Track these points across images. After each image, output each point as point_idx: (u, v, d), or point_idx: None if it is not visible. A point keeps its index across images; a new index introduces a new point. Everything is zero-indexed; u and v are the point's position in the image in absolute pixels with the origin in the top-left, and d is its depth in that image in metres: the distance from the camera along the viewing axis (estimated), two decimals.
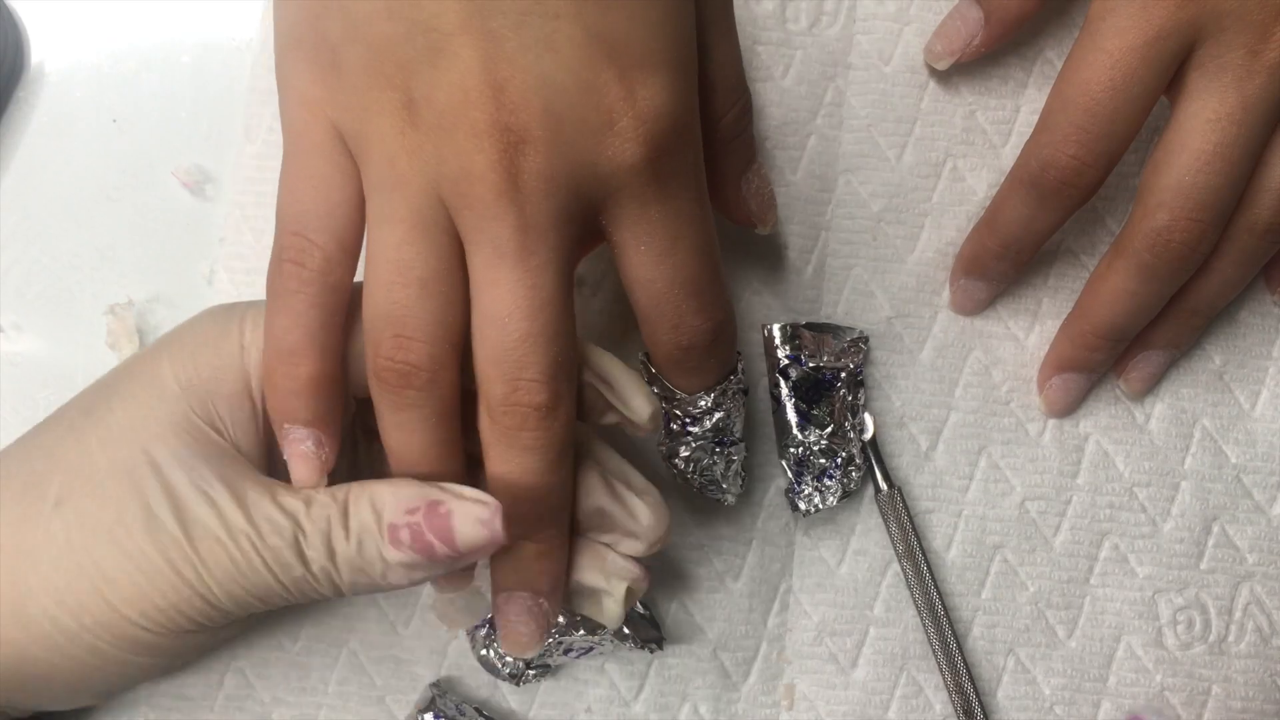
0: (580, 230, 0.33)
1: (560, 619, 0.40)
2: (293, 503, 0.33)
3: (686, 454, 0.39)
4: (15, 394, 0.43)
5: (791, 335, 0.43)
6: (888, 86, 0.46)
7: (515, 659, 0.39)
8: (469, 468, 0.35)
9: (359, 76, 0.31)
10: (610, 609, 0.36)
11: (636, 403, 0.36)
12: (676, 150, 0.32)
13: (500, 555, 0.35)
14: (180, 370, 0.33)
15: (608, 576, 0.36)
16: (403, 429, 0.33)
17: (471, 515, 0.32)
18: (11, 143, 0.44)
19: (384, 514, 0.32)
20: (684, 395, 0.38)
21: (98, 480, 0.32)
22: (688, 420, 0.39)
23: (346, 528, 0.32)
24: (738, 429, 0.40)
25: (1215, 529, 0.45)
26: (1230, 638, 0.44)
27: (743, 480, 0.41)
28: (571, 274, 0.33)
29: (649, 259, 0.33)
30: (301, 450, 0.33)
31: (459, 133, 0.30)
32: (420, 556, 0.32)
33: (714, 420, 0.38)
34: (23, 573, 0.32)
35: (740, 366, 0.39)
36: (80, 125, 0.44)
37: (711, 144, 0.37)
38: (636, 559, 0.37)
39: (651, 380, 0.38)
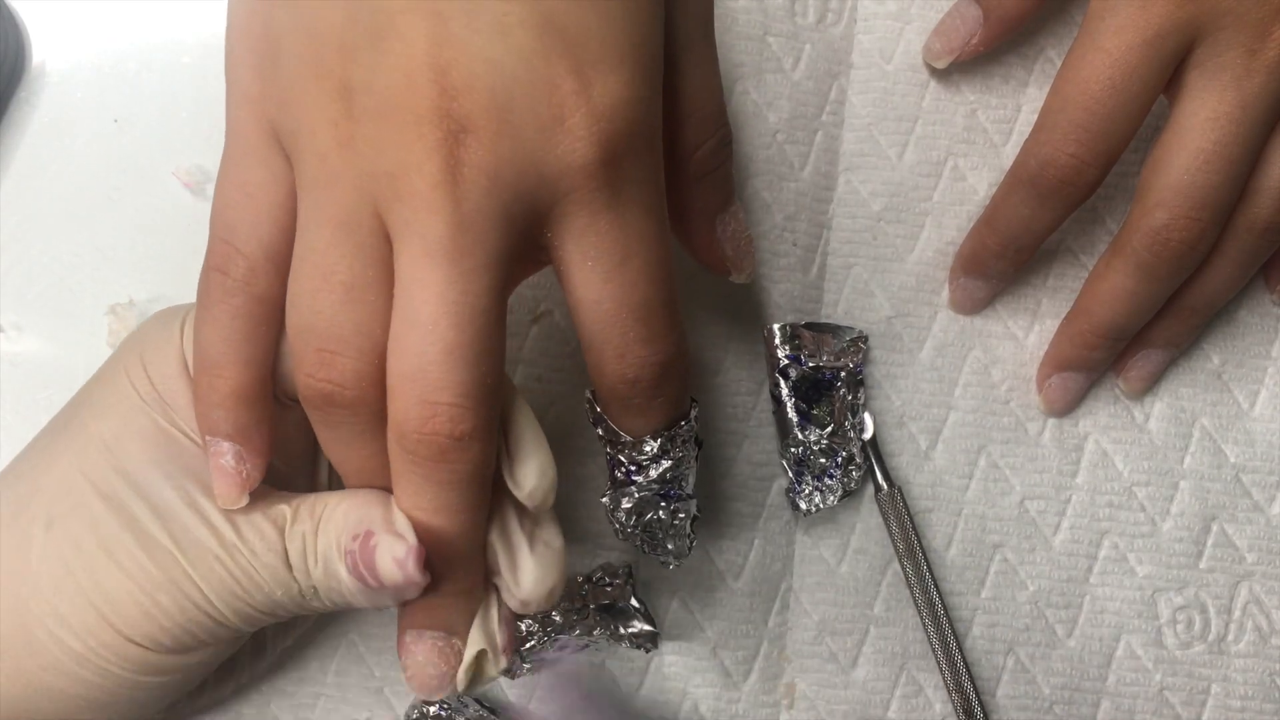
0: (522, 241, 0.30)
1: (556, 616, 0.40)
2: (281, 517, 0.32)
3: (628, 505, 0.36)
4: (15, 394, 0.43)
5: (791, 335, 0.43)
6: (889, 85, 0.46)
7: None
8: None
9: (296, 66, 0.29)
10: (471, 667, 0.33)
11: (524, 470, 0.32)
12: (632, 156, 0.30)
13: (423, 602, 0.32)
14: (136, 378, 0.33)
15: (476, 630, 0.33)
16: (338, 444, 0.31)
17: (388, 552, 0.30)
18: (12, 143, 0.44)
19: (340, 537, 0.31)
20: (629, 439, 0.34)
21: (83, 500, 0.31)
22: (632, 468, 0.35)
23: (315, 550, 0.31)
24: (688, 483, 0.36)
25: (1214, 528, 0.45)
26: (1229, 637, 0.44)
27: (692, 541, 0.38)
28: (506, 290, 0.30)
29: (596, 277, 0.30)
30: (221, 464, 0.31)
31: (397, 118, 0.28)
32: (365, 588, 0.31)
33: (660, 469, 0.35)
34: (24, 598, 0.31)
35: (694, 414, 0.35)
36: (81, 125, 0.44)
37: (682, 179, 0.35)
38: (515, 617, 0.34)
39: (596, 420, 0.35)
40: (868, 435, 0.44)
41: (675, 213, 0.33)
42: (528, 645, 0.38)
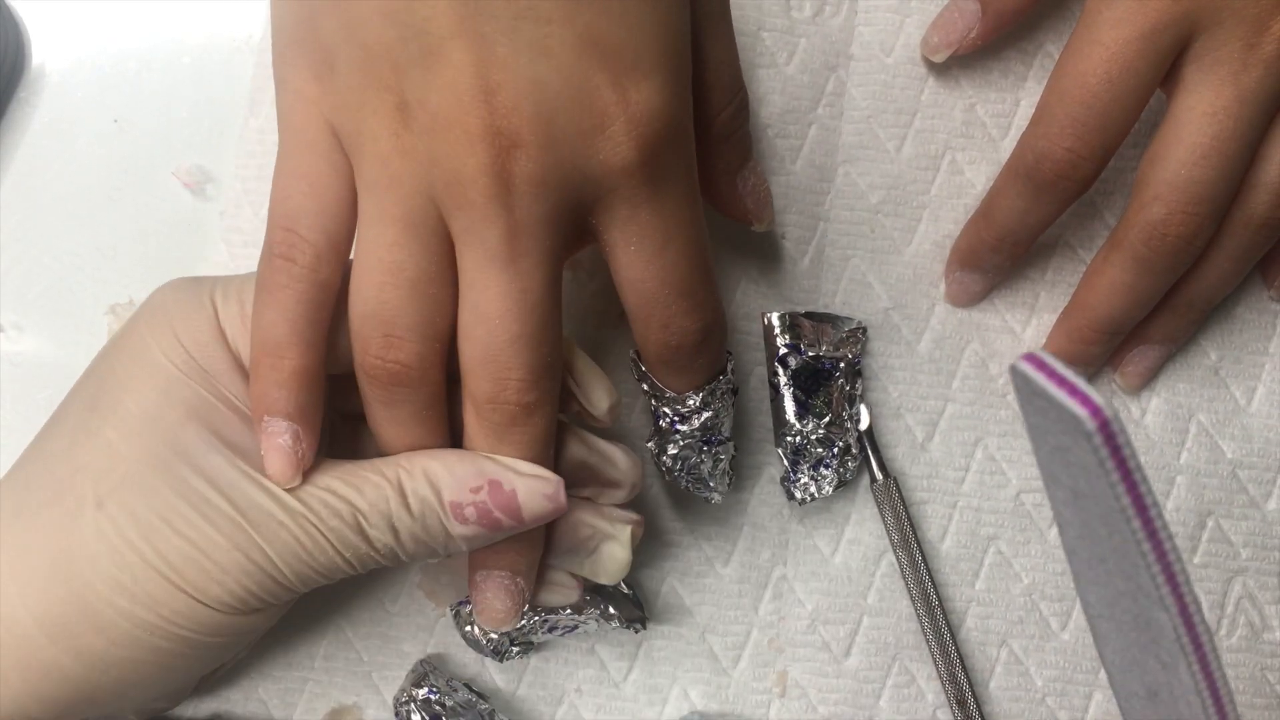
0: (571, 231, 0.33)
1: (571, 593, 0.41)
2: (342, 485, 0.33)
3: (674, 452, 0.40)
4: (15, 394, 0.43)
5: (791, 324, 0.43)
6: (888, 78, 0.46)
7: (500, 635, 0.40)
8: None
9: (354, 77, 0.31)
10: (618, 554, 0.37)
11: (596, 395, 0.36)
12: (669, 152, 0.33)
13: (487, 551, 0.36)
14: (169, 350, 0.34)
15: (611, 522, 0.37)
16: (393, 423, 0.34)
17: (537, 491, 0.34)
18: (12, 143, 0.44)
19: (443, 491, 0.33)
20: (673, 394, 0.38)
21: (135, 475, 0.32)
22: (676, 419, 0.39)
23: (408, 506, 0.33)
24: (726, 428, 0.40)
25: (1210, 524, 0.45)
26: (1222, 632, 0.44)
27: (730, 479, 0.41)
28: (560, 274, 0.33)
29: (639, 260, 0.33)
30: (279, 444, 0.33)
31: (451, 136, 0.31)
32: (485, 530, 0.34)
33: (702, 419, 0.39)
34: (83, 578, 0.32)
35: (730, 366, 0.39)
36: (81, 125, 0.44)
37: (707, 141, 0.37)
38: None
39: (641, 378, 0.39)
40: (864, 426, 0.44)
41: (701, 173, 0.35)
42: (519, 626, 0.39)
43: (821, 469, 0.43)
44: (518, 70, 0.30)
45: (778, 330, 0.43)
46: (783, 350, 0.43)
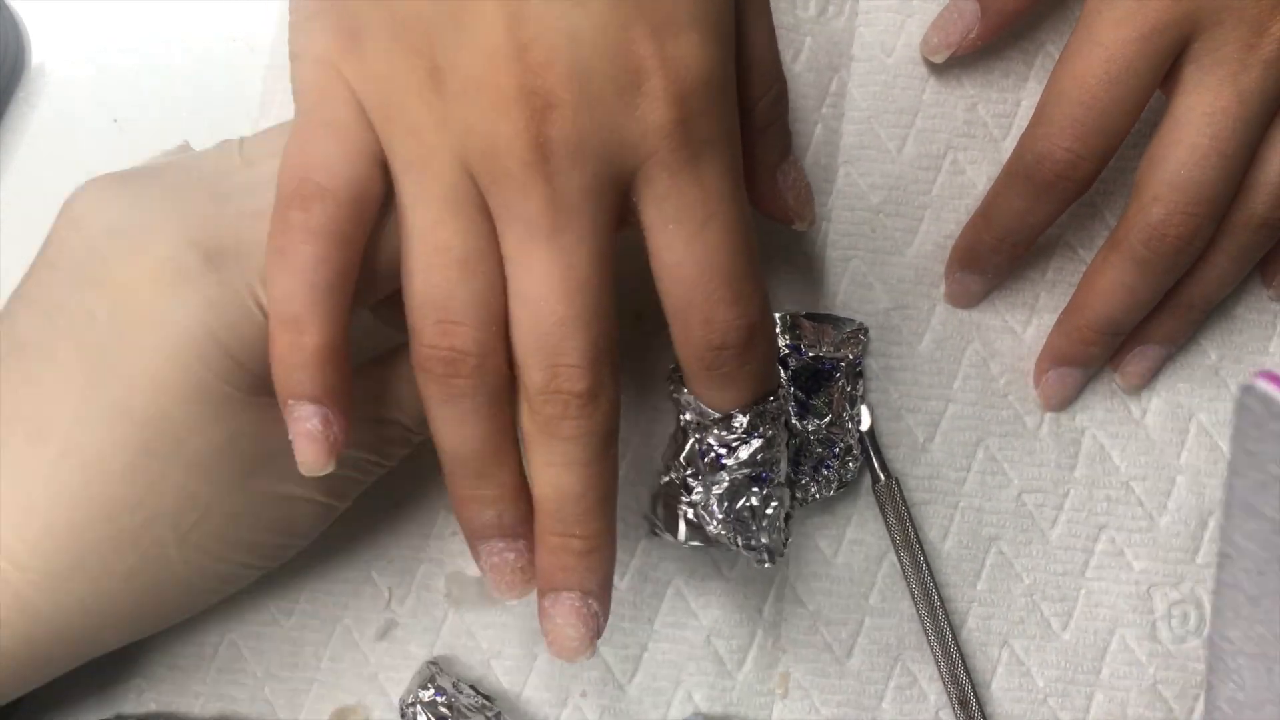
0: (615, 204, 0.31)
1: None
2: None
3: (719, 492, 0.35)
4: None
5: (792, 325, 0.43)
6: (889, 78, 0.46)
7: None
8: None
9: (383, 43, 0.30)
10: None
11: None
12: (709, 114, 0.30)
13: (544, 553, 0.33)
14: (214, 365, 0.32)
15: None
16: (454, 421, 0.32)
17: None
18: (12, 143, 0.44)
19: None
20: (717, 414, 0.34)
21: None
22: (721, 451, 0.34)
23: None
24: (780, 468, 0.35)
25: (1211, 524, 0.45)
26: None
27: (786, 537, 0.36)
28: (609, 251, 0.31)
29: (679, 240, 0.31)
30: (308, 429, 0.31)
31: (484, 99, 0.29)
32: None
33: (751, 449, 0.34)
34: None
35: (782, 393, 0.35)
36: (80, 125, 0.44)
37: (746, 131, 0.35)
38: None
39: (682, 406, 0.35)
40: (865, 427, 0.44)
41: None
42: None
43: (823, 470, 0.43)
44: (550, 23, 0.28)
45: (778, 330, 0.43)
46: (783, 351, 0.43)
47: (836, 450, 0.43)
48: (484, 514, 0.33)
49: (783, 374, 0.43)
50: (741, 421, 0.34)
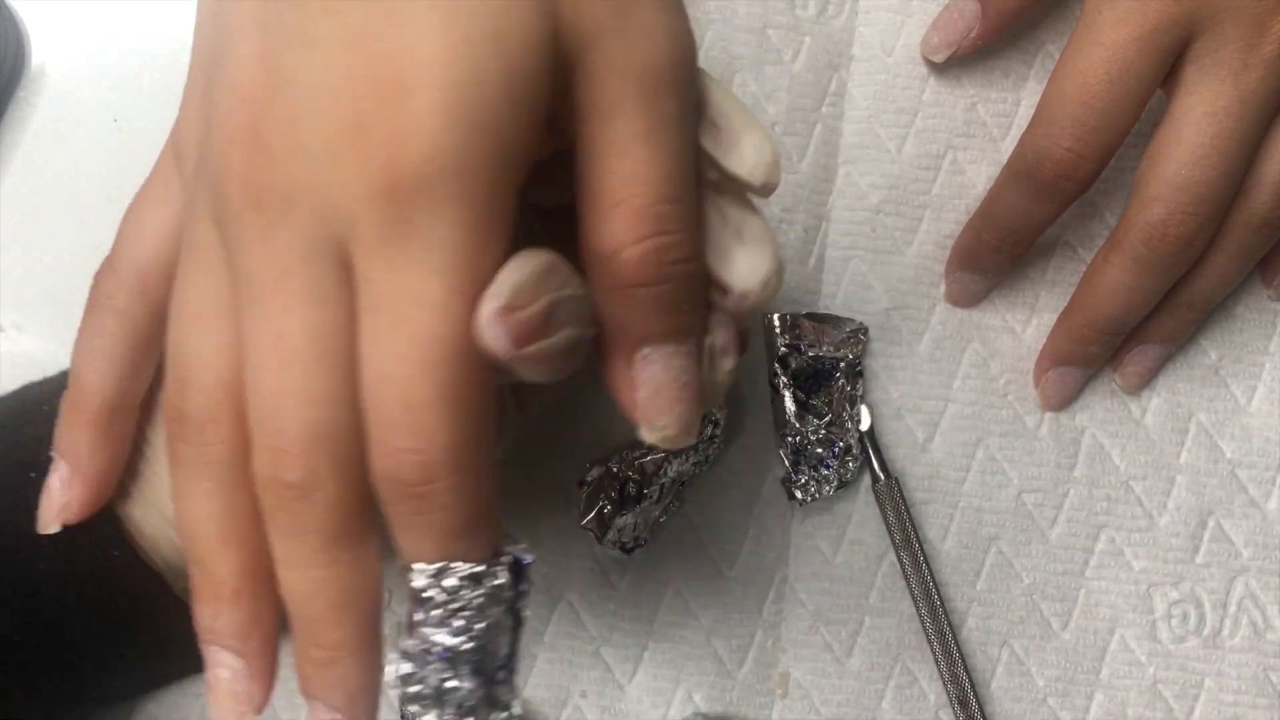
0: (342, 276, 0.26)
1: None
2: None
3: (408, 670, 0.28)
4: None
5: (792, 325, 0.43)
6: (889, 78, 0.46)
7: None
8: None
9: (188, 93, 0.30)
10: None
11: (745, 146, 0.28)
12: (433, 195, 0.24)
13: (296, 656, 0.29)
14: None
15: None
16: (177, 494, 0.29)
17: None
18: (12, 143, 0.44)
19: None
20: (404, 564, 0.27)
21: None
22: (416, 617, 0.28)
23: None
24: (501, 648, 0.28)
25: (1210, 523, 0.45)
26: (1224, 632, 0.44)
27: None
28: (343, 324, 0.26)
29: (366, 333, 0.26)
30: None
31: (221, 141, 0.26)
32: None
33: (458, 629, 0.27)
34: None
35: (519, 559, 0.28)
36: (81, 125, 0.44)
37: (596, 281, 0.27)
38: (730, 327, 0.30)
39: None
40: (865, 426, 0.44)
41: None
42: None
43: (823, 469, 0.43)
44: (281, 64, 0.25)
45: (778, 330, 0.44)
46: (783, 350, 0.43)
47: (836, 450, 0.43)
48: (201, 612, 0.29)
49: (782, 372, 0.43)
50: (421, 580, 0.27)
